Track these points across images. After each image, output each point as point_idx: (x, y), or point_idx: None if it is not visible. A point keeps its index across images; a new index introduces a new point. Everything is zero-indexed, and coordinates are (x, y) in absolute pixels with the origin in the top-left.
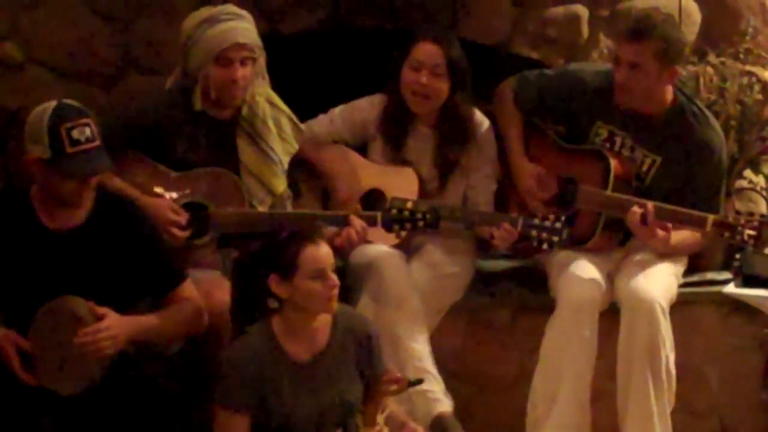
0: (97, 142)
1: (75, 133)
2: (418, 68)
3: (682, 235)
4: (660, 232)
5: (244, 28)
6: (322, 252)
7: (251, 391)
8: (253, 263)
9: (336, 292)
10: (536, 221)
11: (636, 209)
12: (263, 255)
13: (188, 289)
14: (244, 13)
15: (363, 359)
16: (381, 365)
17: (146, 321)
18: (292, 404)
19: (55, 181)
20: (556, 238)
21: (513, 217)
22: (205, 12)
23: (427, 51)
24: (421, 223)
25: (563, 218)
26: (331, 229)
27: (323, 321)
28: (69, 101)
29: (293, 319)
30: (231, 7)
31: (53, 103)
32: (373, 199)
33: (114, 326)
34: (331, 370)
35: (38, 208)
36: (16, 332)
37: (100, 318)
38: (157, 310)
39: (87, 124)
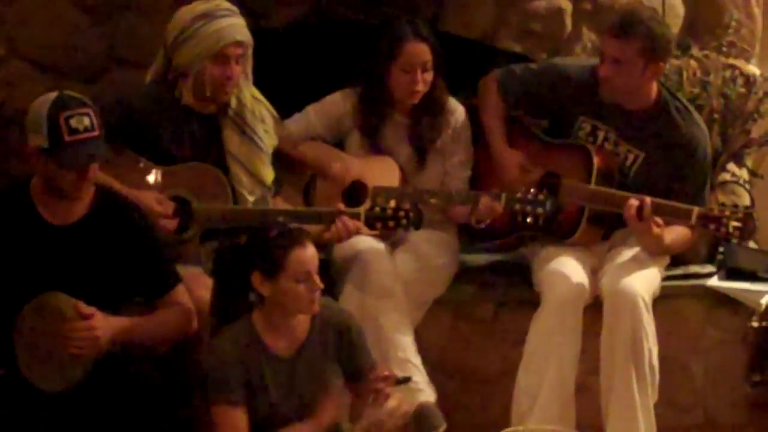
0: (96, 132)
1: (73, 122)
2: (409, 70)
3: (674, 233)
4: (655, 228)
5: (240, 25)
6: (308, 254)
7: (240, 384)
8: (237, 257)
9: (319, 294)
10: (519, 195)
11: (633, 202)
12: (248, 251)
13: (181, 292)
14: (235, 8)
15: (344, 352)
16: (364, 357)
17: (133, 323)
18: (276, 398)
19: (53, 171)
20: (540, 210)
21: (496, 193)
22: (201, 6)
23: (417, 51)
24: (404, 221)
25: (545, 191)
26: (317, 228)
27: (304, 315)
28: (70, 92)
29: (274, 315)
30: (225, 3)
31: (55, 93)
32: (356, 190)
33: (98, 327)
34: (312, 363)
35: (38, 201)
36: None
37: (86, 317)
38: (149, 310)
39: (86, 114)
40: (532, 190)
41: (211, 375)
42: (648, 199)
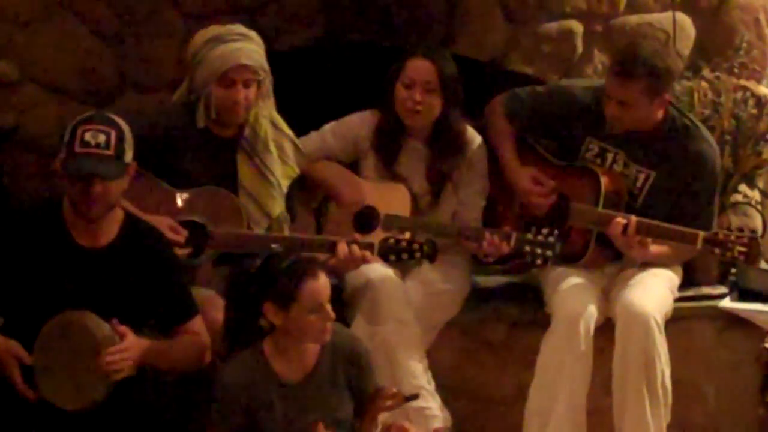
0: (109, 152)
1: (88, 136)
2: (410, 85)
3: (662, 246)
4: (636, 245)
5: (249, 49)
6: (321, 285)
7: (243, 413)
8: (249, 286)
9: (330, 325)
10: (529, 236)
11: (619, 220)
12: (260, 281)
13: (198, 323)
14: (252, 33)
15: (353, 377)
16: (373, 382)
17: (158, 346)
18: (284, 424)
19: (66, 183)
20: (549, 253)
21: (506, 232)
22: (213, 31)
23: (419, 68)
24: (417, 254)
25: (556, 232)
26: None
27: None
28: (108, 113)
29: (284, 342)
30: (239, 28)
31: (94, 111)
32: (367, 215)
33: (134, 347)
34: (321, 389)
35: (69, 222)
36: (19, 345)
37: (121, 335)
38: (165, 338)
39: (106, 132)
40: (543, 231)
41: (215, 402)
42: (633, 219)
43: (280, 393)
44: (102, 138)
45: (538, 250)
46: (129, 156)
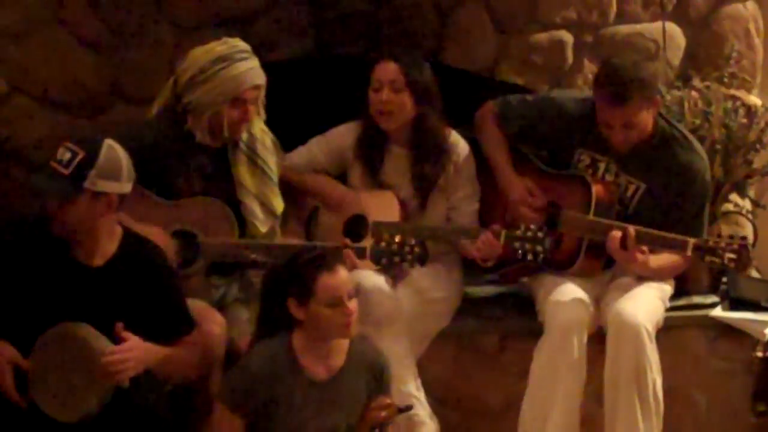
0: (64, 171)
1: (59, 152)
2: (378, 88)
3: (662, 259)
4: (639, 256)
5: (257, 67)
6: (338, 280)
7: (255, 398)
8: (276, 282)
9: (353, 318)
10: (518, 232)
11: (616, 233)
12: (283, 277)
13: (197, 337)
14: (249, 48)
15: (373, 390)
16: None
17: (162, 351)
18: (301, 419)
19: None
20: (539, 248)
21: (495, 230)
22: (219, 48)
23: (383, 69)
24: (409, 257)
25: (544, 227)
26: None
27: (341, 343)
28: (101, 140)
29: (311, 337)
30: (240, 43)
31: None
32: (356, 224)
33: (138, 349)
34: (342, 392)
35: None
36: (14, 349)
37: (123, 339)
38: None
39: (73, 152)
40: (531, 226)
41: (231, 376)
42: (632, 229)
43: (303, 388)
44: (67, 156)
45: (528, 246)
46: (96, 184)
